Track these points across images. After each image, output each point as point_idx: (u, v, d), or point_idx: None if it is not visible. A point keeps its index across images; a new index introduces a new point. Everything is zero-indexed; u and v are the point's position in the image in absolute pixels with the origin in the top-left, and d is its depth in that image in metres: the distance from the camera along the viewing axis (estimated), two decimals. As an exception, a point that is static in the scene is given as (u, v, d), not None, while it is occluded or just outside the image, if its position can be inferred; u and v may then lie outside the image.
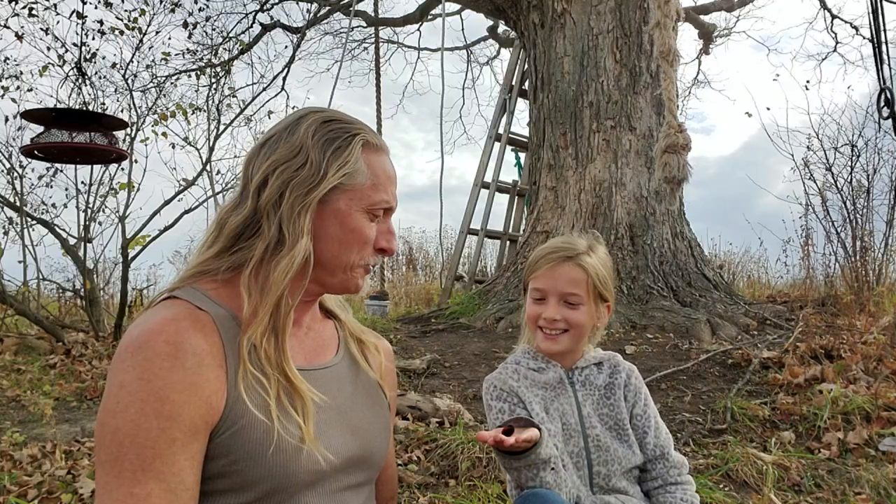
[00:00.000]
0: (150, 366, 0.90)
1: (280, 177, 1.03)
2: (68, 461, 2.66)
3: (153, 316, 0.97)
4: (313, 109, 1.12)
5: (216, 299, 1.02)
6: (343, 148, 1.06)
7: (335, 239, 1.07)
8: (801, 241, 6.57)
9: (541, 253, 1.46)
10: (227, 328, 0.99)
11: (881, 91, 2.70)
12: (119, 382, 0.91)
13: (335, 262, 1.08)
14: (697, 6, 10.12)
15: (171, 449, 0.90)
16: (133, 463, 0.88)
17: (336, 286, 1.13)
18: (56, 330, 5.41)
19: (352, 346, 1.22)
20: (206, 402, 0.93)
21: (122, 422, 0.89)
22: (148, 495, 0.88)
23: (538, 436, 1.23)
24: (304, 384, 1.01)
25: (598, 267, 1.44)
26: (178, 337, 0.93)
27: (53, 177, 6.39)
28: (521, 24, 6.82)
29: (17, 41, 6.04)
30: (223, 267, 1.05)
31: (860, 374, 3.45)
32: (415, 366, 4.10)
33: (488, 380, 1.48)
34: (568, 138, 6.17)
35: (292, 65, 7.87)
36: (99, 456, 0.91)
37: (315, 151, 1.04)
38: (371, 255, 1.11)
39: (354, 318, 1.28)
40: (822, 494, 2.42)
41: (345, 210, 1.06)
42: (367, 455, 1.12)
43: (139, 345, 0.92)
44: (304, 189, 1.03)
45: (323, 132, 1.06)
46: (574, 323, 1.41)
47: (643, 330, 4.89)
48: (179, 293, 1.02)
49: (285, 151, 1.04)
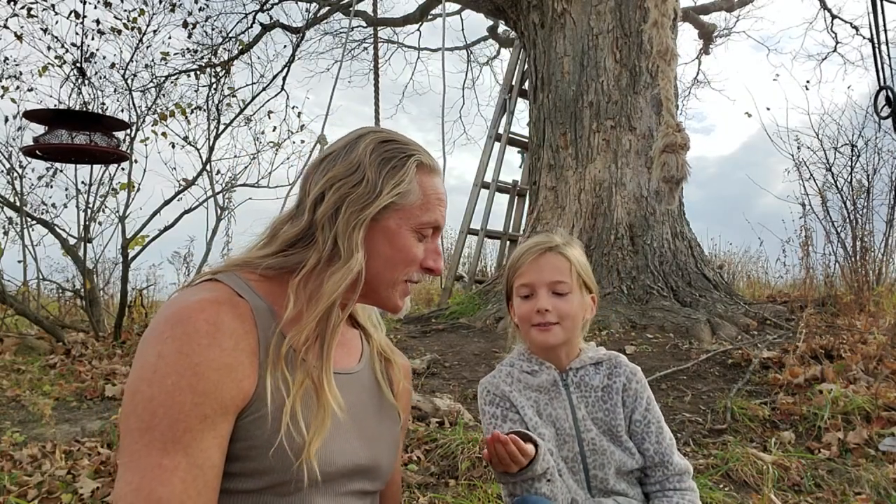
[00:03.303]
0: (189, 340, 0.92)
1: (337, 192, 1.06)
2: (68, 461, 2.66)
3: (195, 294, 0.99)
4: (373, 129, 1.15)
5: (257, 290, 1.04)
6: (398, 168, 1.09)
7: (382, 256, 1.10)
8: (801, 242, 6.57)
9: (520, 251, 1.46)
10: (264, 319, 1.01)
11: (880, 90, 2.70)
12: (157, 352, 0.92)
13: (379, 279, 1.11)
14: (697, 6, 10.12)
15: (202, 425, 0.91)
16: (164, 433, 0.89)
17: (377, 301, 1.16)
18: (56, 330, 5.42)
19: (375, 362, 1.24)
20: (237, 385, 0.95)
21: (157, 391, 0.90)
22: (175, 468, 0.89)
23: (533, 452, 1.23)
24: (332, 398, 1.02)
25: (579, 257, 1.45)
26: (218, 318, 0.95)
27: (53, 177, 6.40)
28: (521, 24, 6.82)
29: (17, 41, 6.04)
30: (267, 264, 1.07)
31: (860, 374, 3.45)
32: (415, 366, 4.09)
33: (482, 383, 1.48)
34: (568, 138, 6.17)
35: (292, 65, 7.85)
36: (128, 423, 0.91)
37: (371, 170, 1.07)
38: (417, 272, 1.14)
39: (386, 338, 1.30)
40: (822, 494, 2.42)
41: (394, 228, 1.09)
42: (375, 466, 1.13)
43: (180, 319, 0.94)
44: (360, 205, 1.06)
45: (380, 151, 1.09)
46: (564, 313, 1.39)
47: (643, 330, 4.89)
48: (222, 277, 1.05)
49: (343, 168, 1.08)
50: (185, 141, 6.74)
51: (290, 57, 7.93)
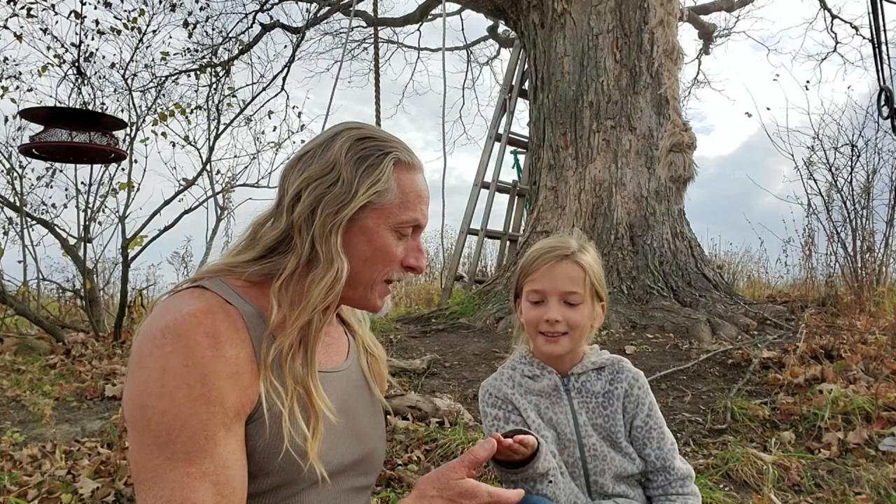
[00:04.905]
0: (192, 353, 0.92)
1: (312, 193, 1.04)
2: (68, 461, 2.66)
3: (186, 304, 0.98)
4: (349, 126, 1.12)
5: (244, 296, 1.04)
6: (375, 166, 1.06)
7: (360, 256, 1.08)
8: (802, 242, 6.57)
9: (535, 254, 1.42)
10: (255, 325, 1.01)
11: (881, 91, 2.70)
12: (161, 367, 0.91)
13: (358, 279, 1.09)
14: (697, 6, 10.13)
15: (222, 431, 0.92)
16: (186, 444, 0.89)
17: (356, 302, 1.15)
18: (56, 330, 5.41)
19: (362, 358, 1.24)
20: (244, 392, 0.95)
21: (169, 405, 0.90)
22: (204, 473, 0.90)
23: (536, 443, 1.23)
24: (322, 403, 1.02)
25: (594, 264, 1.42)
26: (216, 328, 0.95)
27: (53, 177, 6.41)
28: (521, 24, 6.82)
29: (17, 41, 6.04)
30: (251, 270, 1.06)
31: (860, 374, 3.45)
32: (415, 366, 4.10)
33: (484, 386, 1.47)
34: (568, 138, 6.17)
35: (292, 65, 7.86)
36: (143, 439, 0.91)
37: (347, 169, 1.05)
38: (397, 271, 1.12)
39: (370, 332, 1.30)
40: (822, 494, 2.42)
41: (372, 228, 1.07)
42: (368, 459, 1.15)
43: (178, 332, 0.93)
44: (335, 207, 1.04)
45: (356, 149, 1.07)
46: (573, 324, 1.38)
47: (643, 330, 4.89)
48: (208, 284, 1.04)
49: (319, 168, 1.06)
50: (186, 141, 6.75)
51: (290, 57, 7.94)
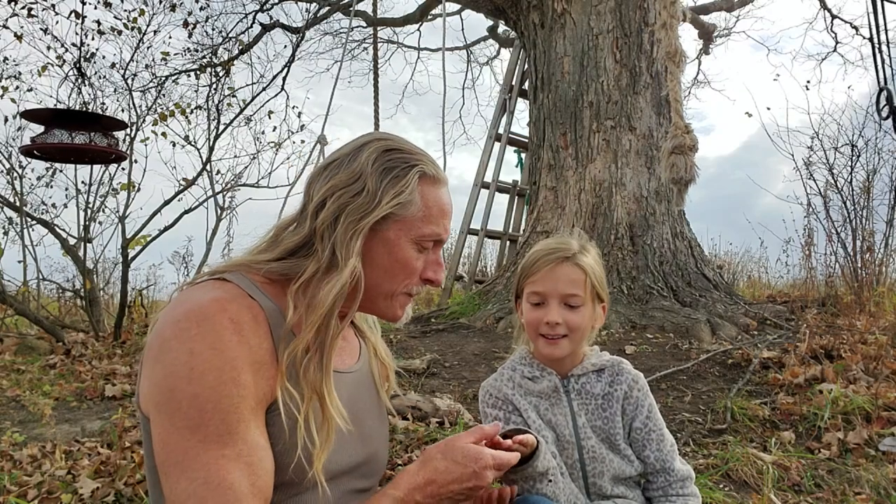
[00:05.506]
0: (219, 337, 0.92)
1: (337, 201, 1.05)
2: (68, 461, 2.66)
3: (207, 292, 0.98)
4: (377, 136, 1.13)
5: (265, 292, 1.04)
6: (400, 178, 1.07)
7: (381, 267, 1.09)
8: (802, 242, 6.57)
9: (536, 255, 1.42)
10: (276, 320, 1.01)
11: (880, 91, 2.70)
12: (189, 350, 0.91)
13: (378, 289, 1.10)
14: (697, 6, 10.13)
15: (251, 414, 0.93)
16: (219, 427, 0.90)
17: (376, 310, 1.16)
18: (56, 330, 5.42)
19: (373, 362, 1.26)
20: (266, 381, 0.96)
21: (200, 388, 0.90)
22: (238, 455, 0.90)
23: (535, 443, 1.22)
24: (335, 410, 1.02)
25: (595, 266, 1.42)
26: (240, 317, 0.96)
27: (53, 177, 6.41)
28: (521, 24, 6.82)
29: (17, 41, 6.04)
30: (269, 267, 1.07)
31: (860, 374, 3.45)
32: (415, 366, 4.10)
33: (484, 386, 1.47)
34: (568, 138, 6.17)
35: (292, 65, 7.86)
36: (173, 422, 0.91)
37: (372, 180, 1.06)
38: (416, 284, 1.14)
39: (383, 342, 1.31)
40: (822, 494, 2.42)
41: (393, 239, 1.08)
42: (371, 461, 1.15)
43: (204, 315, 0.93)
44: (358, 215, 1.05)
45: (382, 161, 1.08)
46: (573, 326, 1.37)
47: (643, 330, 4.89)
48: (230, 276, 1.04)
49: (345, 177, 1.07)
50: (186, 141, 6.75)
51: (290, 57, 7.94)
